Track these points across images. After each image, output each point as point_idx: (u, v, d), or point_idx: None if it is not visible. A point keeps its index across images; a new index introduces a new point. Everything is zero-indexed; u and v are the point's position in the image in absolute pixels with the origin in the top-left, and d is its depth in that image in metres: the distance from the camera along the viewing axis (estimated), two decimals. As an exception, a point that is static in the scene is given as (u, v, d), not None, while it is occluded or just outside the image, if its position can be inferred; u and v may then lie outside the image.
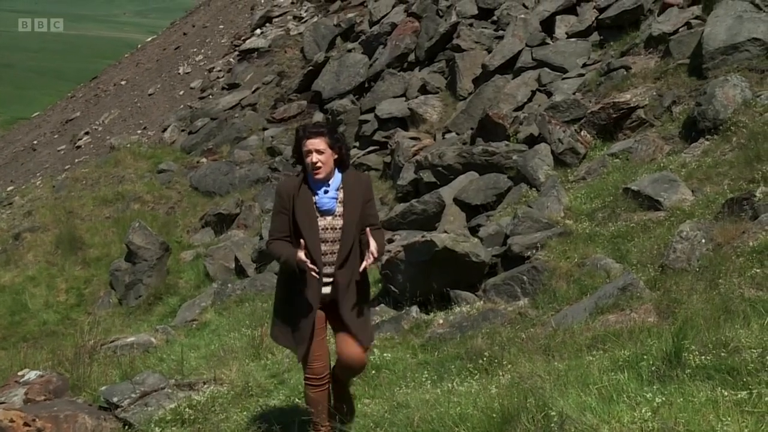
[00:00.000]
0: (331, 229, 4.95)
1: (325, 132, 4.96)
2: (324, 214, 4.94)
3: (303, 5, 26.30)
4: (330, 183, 4.97)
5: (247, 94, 22.58)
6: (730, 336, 4.73)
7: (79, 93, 32.03)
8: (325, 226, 4.95)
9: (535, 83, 14.17)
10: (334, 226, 4.95)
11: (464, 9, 17.38)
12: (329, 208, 4.94)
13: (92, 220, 18.40)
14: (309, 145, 4.89)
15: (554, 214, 9.25)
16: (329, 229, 4.95)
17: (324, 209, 4.94)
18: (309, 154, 4.89)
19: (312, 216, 4.91)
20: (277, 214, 5.04)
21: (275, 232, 5.04)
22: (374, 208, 5.19)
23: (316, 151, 4.88)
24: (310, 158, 4.89)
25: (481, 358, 6.17)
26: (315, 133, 4.93)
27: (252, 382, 6.95)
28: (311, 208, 4.93)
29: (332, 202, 4.94)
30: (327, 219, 4.94)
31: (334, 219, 4.95)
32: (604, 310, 6.56)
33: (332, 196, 4.94)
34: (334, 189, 4.96)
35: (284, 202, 4.98)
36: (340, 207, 4.97)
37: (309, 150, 4.89)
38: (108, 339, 10.20)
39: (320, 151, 4.89)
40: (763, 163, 8.09)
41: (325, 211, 4.94)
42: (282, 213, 5.00)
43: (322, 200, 4.93)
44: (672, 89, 11.19)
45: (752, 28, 10.66)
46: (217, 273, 14.64)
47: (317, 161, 4.88)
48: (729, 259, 6.49)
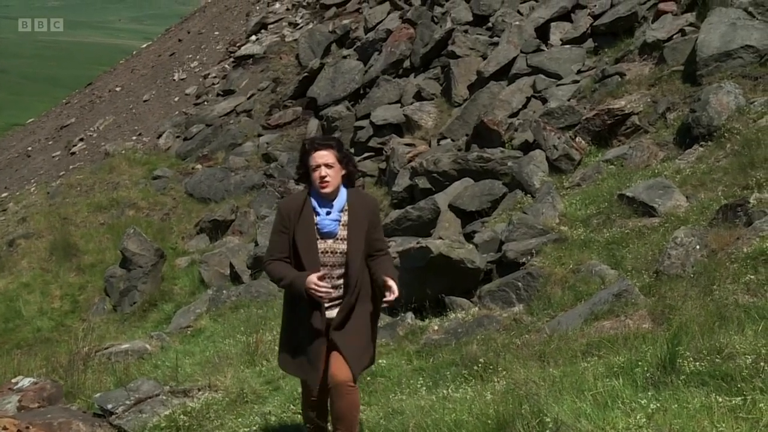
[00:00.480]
0: (331, 253, 4.71)
1: (334, 145, 4.73)
2: (325, 236, 4.70)
3: (298, 12, 26.34)
4: (334, 203, 4.72)
5: (243, 100, 22.58)
6: (724, 342, 4.74)
7: (74, 99, 32.01)
8: (325, 249, 4.71)
9: (530, 90, 14.19)
10: (335, 250, 4.72)
11: (459, 16, 17.42)
12: (330, 231, 4.70)
13: (87, 226, 18.36)
14: (317, 159, 4.64)
15: (549, 221, 9.26)
16: (329, 252, 4.71)
17: (325, 231, 4.70)
18: (317, 169, 4.64)
19: (312, 238, 4.68)
20: (277, 232, 4.80)
21: (274, 251, 4.79)
22: (381, 232, 4.96)
23: (324, 165, 4.63)
24: (317, 173, 4.63)
25: (476, 364, 6.17)
26: (324, 145, 4.69)
27: (247, 388, 6.94)
28: (312, 230, 4.69)
29: (334, 225, 4.70)
30: (328, 242, 4.70)
31: (336, 242, 4.72)
32: (599, 317, 6.57)
33: (335, 218, 4.70)
34: (337, 210, 4.72)
35: (285, 221, 4.75)
36: (343, 230, 4.73)
37: (317, 164, 4.64)
38: (102, 346, 10.18)
39: (329, 165, 4.64)
40: (756, 169, 8.12)
41: (326, 234, 4.70)
42: (282, 232, 4.76)
43: (324, 222, 4.68)
44: (666, 96, 11.22)
45: (746, 36, 10.70)
46: (212, 279, 14.61)
47: (326, 175, 4.62)
48: (723, 266, 6.51)
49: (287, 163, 17.98)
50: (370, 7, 21.98)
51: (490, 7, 17.24)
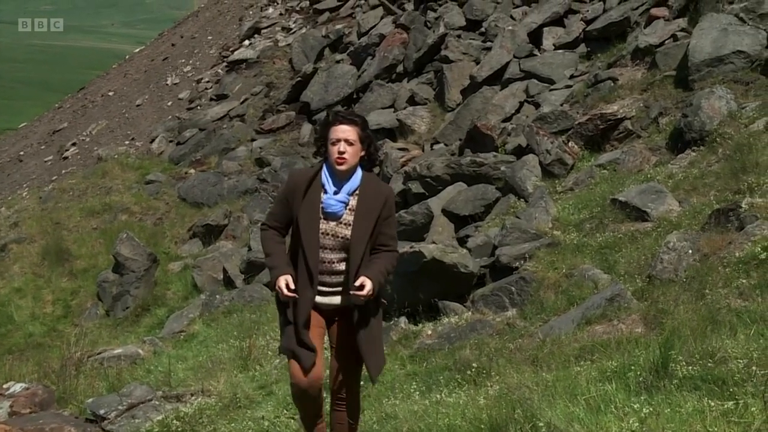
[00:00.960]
0: (332, 236, 4.42)
1: (359, 122, 4.47)
2: (328, 217, 4.41)
3: (291, 16, 26.35)
4: (345, 184, 4.44)
5: (236, 104, 22.57)
6: (716, 346, 4.75)
7: (67, 104, 31.94)
8: (326, 230, 4.42)
9: (523, 94, 14.23)
10: (336, 234, 4.42)
11: (452, 20, 17.45)
12: (334, 212, 4.40)
13: (79, 231, 18.32)
14: (338, 132, 4.39)
15: (542, 225, 9.28)
16: (330, 235, 4.42)
17: (329, 212, 4.41)
18: (336, 143, 4.39)
19: (315, 217, 4.40)
20: (280, 201, 4.59)
21: (272, 219, 4.61)
22: (392, 227, 4.59)
23: (345, 140, 4.38)
24: (336, 147, 4.38)
25: (470, 369, 6.18)
26: (348, 120, 4.43)
27: (240, 393, 6.93)
28: (316, 208, 4.41)
29: (339, 206, 4.40)
30: (330, 224, 4.41)
31: (338, 226, 4.42)
32: (592, 321, 6.58)
33: (341, 200, 4.41)
34: (346, 192, 4.43)
35: (290, 193, 4.49)
36: (349, 215, 4.44)
37: (338, 138, 4.39)
38: (95, 351, 10.16)
39: (350, 141, 4.39)
40: (748, 174, 8.15)
41: (329, 215, 4.41)
42: (284, 202, 4.53)
43: (329, 201, 4.40)
44: (659, 101, 11.26)
45: (737, 41, 10.75)
46: (205, 284, 14.59)
47: (345, 151, 4.37)
48: (715, 270, 6.53)
49: (280, 167, 17.98)
50: (364, 11, 22.01)
51: (483, 12, 17.28)
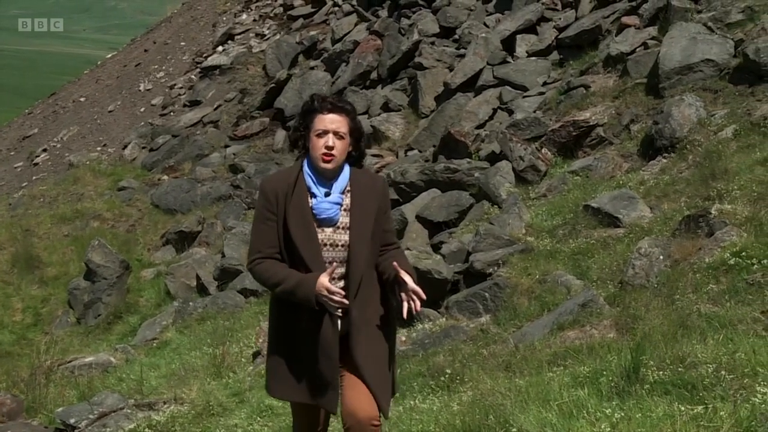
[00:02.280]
0: (331, 246, 3.73)
1: (350, 111, 3.79)
2: (322, 224, 3.71)
3: (265, 23, 26.30)
4: (334, 183, 3.75)
5: (209, 111, 22.48)
6: (687, 351, 4.80)
7: (37, 109, 31.63)
8: (323, 240, 3.71)
9: (497, 101, 14.30)
10: (335, 242, 3.73)
11: (426, 27, 17.52)
12: (330, 217, 3.71)
13: (50, 238, 18.12)
14: (326, 123, 3.69)
15: (516, 231, 9.33)
16: (328, 245, 3.72)
17: (322, 218, 3.70)
18: (324, 135, 3.69)
19: (310, 227, 3.68)
20: (263, 221, 3.74)
21: (261, 246, 3.73)
22: (391, 221, 4.03)
23: (334, 132, 3.69)
24: (323, 141, 3.68)
25: (443, 375, 6.19)
26: (338, 108, 3.73)
27: (213, 401, 6.89)
28: (308, 216, 3.68)
29: (334, 210, 3.71)
30: (326, 232, 3.71)
31: (336, 232, 3.73)
32: (565, 327, 6.62)
33: (335, 201, 3.72)
34: (338, 192, 3.74)
35: (271, 205, 3.71)
36: (345, 217, 3.75)
37: (325, 129, 3.69)
38: (65, 359, 10.05)
39: (340, 134, 3.70)
40: (717, 180, 8.25)
41: (324, 221, 3.71)
42: (269, 220, 3.72)
43: (321, 206, 3.69)
44: (630, 108, 11.37)
45: (706, 50, 10.89)
46: (179, 291, 14.49)
47: (333, 146, 3.68)
48: (686, 276, 6.60)
49: (254, 174, 17.93)
50: (338, 18, 22.03)
51: (456, 20, 17.37)
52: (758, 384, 4.15)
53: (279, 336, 3.82)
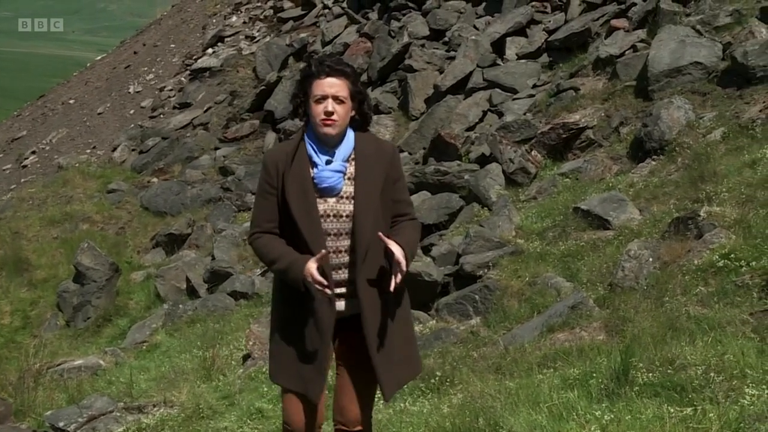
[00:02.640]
0: (335, 217, 3.52)
1: (350, 73, 3.57)
2: (324, 194, 3.53)
3: (255, 25, 26.27)
4: (337, 151, 3.55)
5: (199, 113, 22.43)
6: (676, 353, 4.82)
7: (26, 112, 31.48)
8: (326, 211, 3.52)
9: (487, 103, 14.33)
10: (339, 213, 3.52)
11: (416, 30, 17.54)
12: (331, 186, 3.52)
13: (39, 240, 18.04)
14: (325, 87, 3.49)
15: (506, 234, 9.34)
16: (331, 216, 3.52)
17: (324, 187, 3.52)
18: (323, 101, 3.49)
19: (309, 197, 3.50)
20: (263, 194, 3.61)
21: (261, 221, 3.62)
22: (405, 191, 3.74)
23: (333, 97, 3.49)
24: (322, 106, 3.49)
25: (433, 377, 6.19)
26: (337, 71, 3.52)
27: (203, 404, 6.87)
28: (308, 186, 3.51)
29: (336, 178, 3.52)
30: (329, 202, 3.52)
31: (339, 202, 3.53)
32: (555, 329, 6.63)
33: (337, 169, 3.52)
34: (341, 159, 3.54)
35: (271, 178, 3.57)
36: (349, 186, 3.54)
37: (324, 94, 3.49)
38: (55, 362, 10.01)
39: (339, 98, 3.50)
40: (706, 183, 8.29)
41: (325, 190, 3.52)
42: (269, 194, 3.59)
43: (322, 174, 3.51)
44: (619, 110, 11.41)
45: (694, 53, 10.94)
46: (168, 294, 14.45)
47: (333, 111, 3.48)
48: (675, 278, 6.62)
49: (244, 176, 17.90)
50: (328, 20, 22.03)
51: (446, 22, 17.39)
52: (747, 386, 4.17)
53: (280, 315, 3.67)
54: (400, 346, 3.62)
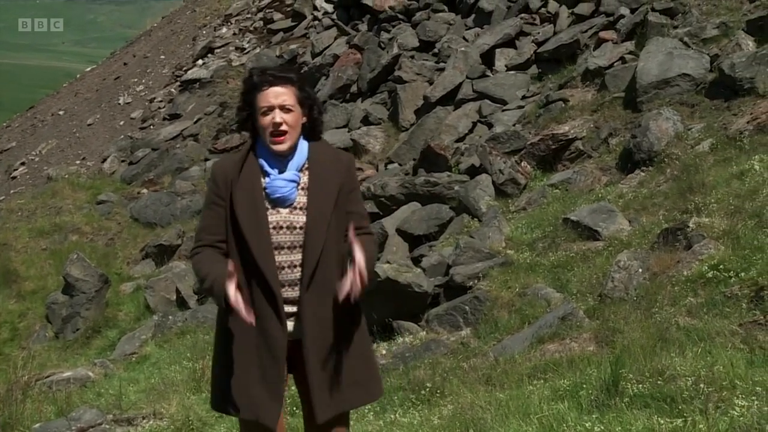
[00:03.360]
0: (288, 229, 3.31)
1: (295, 79, 3.38)
2: (276, 204, 3.32)
3: (245, 36, 26.29)
4: (290, 160, 3.36)
5: (189, 124, 22.42)
6: (665, 364, 4.83)
7: (15, 123, 31.38)
8: (278, 223, 3.31)
9: (476, 115, 14.37)
10: (292, 224, 3.31)
11: (406, 41, 17.58)
12: (284, 196, 3.32)
13: (28, 252, 17.95)
14: (270, 97, 3.30)
15: (496, 244, 9.36)
16: (284, 228, 3.31)
17: (276, 197, 3.32)
18: (269, 112, 3.31)
19: (260, 208, 3.29)
20: (209, 207, 3.40)
21: (204, 234, 3.39)
22: (360, 204, 3.57)
23: (280, 107, 3.30)
24: (269, 118, 3.30)
25: (424, 389, 6.19)
26: (281, 79, 3.33)
27: (193, 416, 6.84)
28: (258, 196, 3.31)
29: (289, 187, 3.33)
30: (281, 212, 3.32)
31: (293, 213, 3.33)
32: (545, 340, 6.64)
33: (290, 178, 3.33)
34: (294, 168, 3.35)
35: (219, 189, 3.36)
36: (302, 196, 3.35)
37: (270, 105, 3.30)
38: (43, 374, 9.95)
39: (287, 107, 3.31)
40: (695, 194, 8.33)
41: (277, 201, 3.32)
42: (216, 205, 3.37)
43: (274, 184, 3.31)
44: (608, 121, 11.46)
45: (682, 64, 11.02)
46: (158, 305, 14.40)
47: (281, 122, 3.29)
48: (664, 288, 6.64)
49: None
50: (317, 32, 22.06)
51: (436, 34, 17.44)
52: (736, 397, 4.18)
53: (226, 337, 3.38)
54: (353, 367, 3.39)
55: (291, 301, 3.33)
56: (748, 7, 11.92)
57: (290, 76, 3.36)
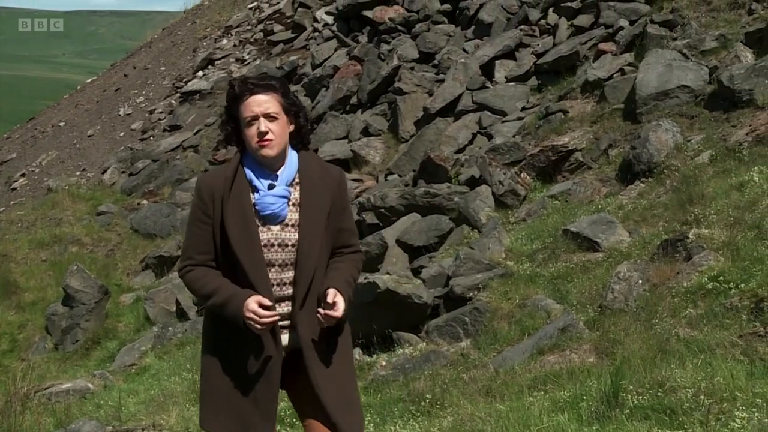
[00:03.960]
0: (280, 246, 3.24)
1: (278, 86, 3.29)
2: (267, 221, 3.24)
3: (245, 48, 26.36)
4: (279, 173, 3.26)
5: (189, 135, 22.45)
6: (666, 375, 4.83)
7: (16, 134, 31.42)
8: (270, 240, 3.23)
9: (476, 126, 14.39)
10: (284, 242, 3.24)
11: (405, 53, 17.62)
12: (275, 213, 3.23)
13: (27, 263, 17.94)
14: (254, 107, 3.21)
15: (495, 256, 9.36)
16: (275, 246, 3.24)
17: (267, 214, 3.23)
18: (254, 122, 3.21)
19: (250, 225, 3.19)
20: (195, 224, 3.31)
21: (193, 252, 3.29)
22: (350, 220, 3.49)
23: (264, 115, 3.20)
24: (254, 127, 3.21)
25: (424, 400, 6.18)
26: (262, 87, 3.24)
27: (192, 427, 6.82)
28: (249, 214, 3.21)
29: (280, 204, 3.24)
30: (273, 230, 3.24)
31: (284, 230, 3.24)
32: (545, 351, 6.64)
33: (280, 194, 3.24)
34: (284, 183, 3.26)
35: (206, 206, 3.27)
36: (294, 212, 3.26)
37: (254, 115, 3.21)
38: (42, 385, 9.93)
39: (271, 115, 3.21)
40: (695, 205, 8.34)
41: (268, 218, 3.24)
42: (203, 223, 3.28)
43: (264, 200, 3.22)
44: (608, 133, 11.48)
45: (681, 76, 11.05)
46: (158, 316, 14.38)
47: (267, 131, 3.19)
48: (664, 300, 6.64)
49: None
50: (318, 43, 22.11)
51: (435, 45, 17.49)
52: (737, 408, 4.18)
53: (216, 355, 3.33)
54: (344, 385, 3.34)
55: (282, 317, 3.27)
56: (746, 20, 11.95)
57: (272, 83, 3.27)
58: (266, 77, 3.33)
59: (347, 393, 3.34)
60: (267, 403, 3.22)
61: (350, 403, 3.33)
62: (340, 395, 3.28)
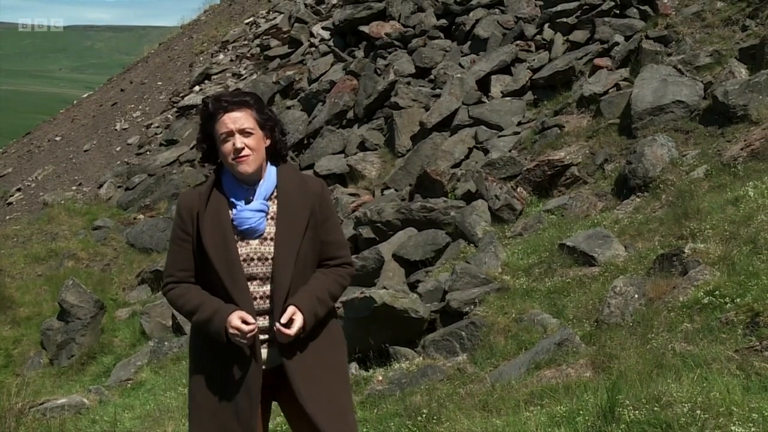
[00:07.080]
0: (259, 260, 3.27)
1: (252, 103, 3.31)
2: (246, 236, 3.27)
3: (242, 63, 26.43)
4: (257, 188, 3.30)
5: (186, 150, 22.47)
6: (662, 390, 4.83)
7: (11, 149, 31.42)
8: (249, 255, 3.26)
9: (472, 140, 14.43)
10: (264, 255, 3.27)
11: (402, 68, 17.69)
12: (252, 227, 3.26)
13: (23, 278, 17.91)
14: (228, 123, 3.24)
15: (492, 270, 9.36)
16: (254, 260, 3.27)
17: (244, 229, 3.26)
18: (229, 138, 3.24)
19: (229, 241, 3.22)
20: (175, 242, 3.36)
21: (174, 270, 3.35)
22: (337, 231, 3.48)
23: (239, 131, 3.23)
24: (230, 144, 3.24)
25: (420, 415, 6.17)
26: (236, 103, 3.27)
27: (188, 443, 6.80)
28: (226, 228, 3.24)
29: (257, 218, 3.27)
30: (251, 244, 3.27)
31: (263, 244, 3.28)
32: (541, 366, 6.63)
33: (257, 208, 3.27)
34: (262, 197, 3.30)
35: (184, 224, 3.30)
36: (272, 226, 3.29)
37: (228, 131, 3.24)
38: (37, 401, 9.89)
39: (247, 131, 3.24)
40: (690, 220, 8.36)
41: (246, 232, 3.26)
42: (182, 241, 3.32)
43: (242, 215, 3.25)
44: (604, 148, 11.52)
45: (676, 91, 11.11)
46: (154, 331, 14.35)
47: (243, 147, 3.22)
48: (660, 314, 6.65)
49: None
50: (314, 58, 22.18)
51: (432, 60, 17.56)
52: (733, 423, 4.18)
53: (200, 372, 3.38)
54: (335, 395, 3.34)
55: (262, 330, 3.30)
56: (740, 36, 12.04)
57: (246, 99, 3.30)
58: (239, 93, 3.36)
59: (339, 403, 3.33)
60: (248, 416, 3.23)
61: (341, 413, 3.32)
62: (330, 405, 3.27)
